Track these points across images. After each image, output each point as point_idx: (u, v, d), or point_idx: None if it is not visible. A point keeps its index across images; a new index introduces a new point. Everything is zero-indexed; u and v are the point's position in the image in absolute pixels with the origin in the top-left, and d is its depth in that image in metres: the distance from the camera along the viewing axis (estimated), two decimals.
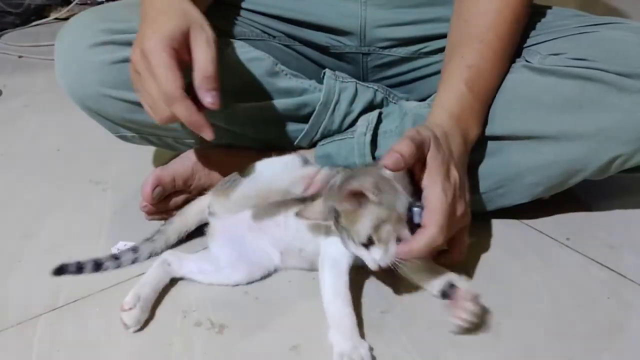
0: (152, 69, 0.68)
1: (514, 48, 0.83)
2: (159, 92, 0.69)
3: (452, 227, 0.70)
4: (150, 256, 0.80)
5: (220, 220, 0.80)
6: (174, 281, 0.77)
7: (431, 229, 0.66)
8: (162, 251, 0.81)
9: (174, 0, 0.73)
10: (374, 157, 0.87)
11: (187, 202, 0.87)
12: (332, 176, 0.74)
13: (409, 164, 0.67)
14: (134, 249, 0.80)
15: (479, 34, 0.80)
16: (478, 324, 0.69)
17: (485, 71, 0.79)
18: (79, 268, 0.78)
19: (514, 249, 0.84)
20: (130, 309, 0.69)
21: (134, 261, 0.80)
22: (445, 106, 0.77)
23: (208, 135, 0.71)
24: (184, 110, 0.69)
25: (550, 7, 0.91)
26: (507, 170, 0.83)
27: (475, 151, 0.82)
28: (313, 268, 0.76)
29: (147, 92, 0.71)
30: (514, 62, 0.84)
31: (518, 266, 0.80)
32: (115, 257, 0.79)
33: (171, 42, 0.68)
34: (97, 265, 0.78)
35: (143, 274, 0.79)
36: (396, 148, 0.66)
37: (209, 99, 0.70)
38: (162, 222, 0.88)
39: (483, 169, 0.84)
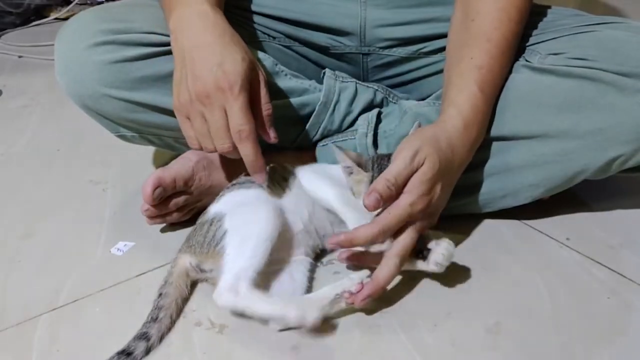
0: (229, 103, 0.72)
1: (517, 47, 0.83)
2: (223, 125, 0.72)
3: (410, 235, 0.71)
4: (161, 339, 0.69)
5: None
6: None
7: (374, 227, 0.69)
8: (169, 330, 0.71)
9: (225, 27, 0.77)
10: None
11: (187, 202, 0.87)
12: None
13: (388, 203, 0.70)
14: (145, 336, 0.68)
15: (486, 33, 0.80)
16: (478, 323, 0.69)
17: (495, 72, 0.80)
18: None
19: (514, 249, 0.84)
20: None
21: (147, 351, 0.67)
22: (459, 107, 0.77)
23: (261, 179, 0.76)
24: (251, 150, 0.73)
25: (549, 7, 0.91)
26: (507, 171, 0.83)
27: (476, 152, 0.82)
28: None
29: (208, 120, 0.74)
30: (514, 61, 0.85)
31: (518, 266, 0.80)
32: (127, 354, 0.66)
33: (248, 82, 0.73)
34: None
35: (142, 274, 0.79)
36: (378, 188, 0.69)
37: (273, 134, 0.77)
38: (163, 225, 0.89)
39: (483, 170, 0.84)
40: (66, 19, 1.83)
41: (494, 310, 0.72)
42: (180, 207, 0.87)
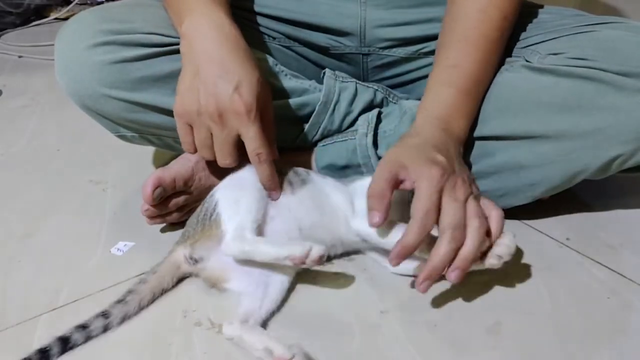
0: (245, 127, 0.74)
1: (504, 45, 0.83)
2: (230, 143, 0.75)
3: (450, 205, 0.68)
4: (123, 320, 0.70)
5: (213, 260, 0.75)
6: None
7: (415, 221, 0.67)
8: (135, 314, 0.72)
9: (239, 40, 0.77)
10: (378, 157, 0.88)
11: (187, 202, 0.87)
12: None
13: (388, 213, 0.68)
14: (105, 315, 0.70)
15: (463, 33, 0.81)
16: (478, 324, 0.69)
17: (469, 68, 0.80)
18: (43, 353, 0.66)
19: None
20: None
21: (105, 329, 0.69)
22: (429, 110, 0.78)
23: (276, 196, 0.78)
24: (269, 171, 0.76)
25: (549, 7, 0.91)
26: (506, 171, 0.83)
27: (475, 152, 0.82)
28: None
29: (215, 135, 0.75)
30: (512, 61, 0.85)
31: (518, 266, 0.80)
32: (84, 327, 0.68)
33: (261, 104, 0.74)
34: (64, 342, 0.67)
35: (142, 274, 0.79)
36: (374, 207, 0.68)
37: (275, 151, 0.79)
38: (163, 225, 0.89)
39: (481, 169, 0.84)
40: (66, 19, 1.83)
41: (494, 310, 0.72)
42: (180, 207, 0.87)
